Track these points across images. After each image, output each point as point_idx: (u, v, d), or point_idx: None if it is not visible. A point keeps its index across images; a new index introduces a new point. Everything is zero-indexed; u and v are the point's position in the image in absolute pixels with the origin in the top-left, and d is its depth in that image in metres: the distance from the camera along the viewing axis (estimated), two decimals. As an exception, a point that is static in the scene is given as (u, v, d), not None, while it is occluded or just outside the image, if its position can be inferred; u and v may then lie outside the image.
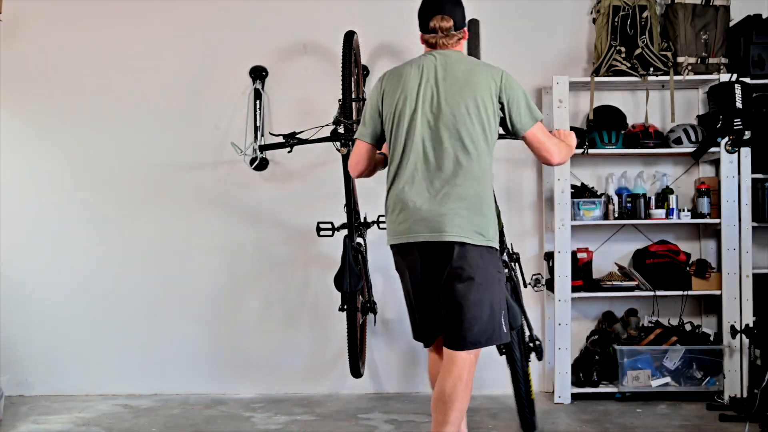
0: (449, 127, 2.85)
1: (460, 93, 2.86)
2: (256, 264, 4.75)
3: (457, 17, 2.95)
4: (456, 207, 2.82)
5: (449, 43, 2.96)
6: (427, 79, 2.90)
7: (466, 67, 2.91)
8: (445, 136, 2.85)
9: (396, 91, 2.93)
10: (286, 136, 3.94)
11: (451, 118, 2.85)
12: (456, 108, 2.85)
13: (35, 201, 4.75)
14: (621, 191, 4.60)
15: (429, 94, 2.89)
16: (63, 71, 4.76)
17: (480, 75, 2.89)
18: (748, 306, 4.38)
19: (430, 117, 2.88)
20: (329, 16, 4.73)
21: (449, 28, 2.94)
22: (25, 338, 4.71)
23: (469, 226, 2.82)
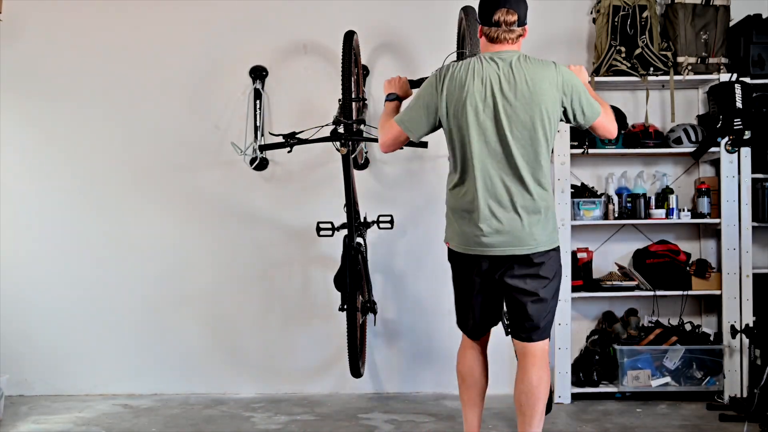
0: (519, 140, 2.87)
1: (528, 108, 2.86)
2: (256, 264, 4.75)
3: (522, 12, 2.94)
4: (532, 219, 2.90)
5: (510, 38, 2.93)
6: (495, 88, 2.87)
7: (530, 76, 2.87)
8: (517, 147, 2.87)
9: (467, 98, 2.88)
10: (285, 136, 3.94)
11: (521, 131, 2.86)
12: (524, 123, 2.86)
13: (35, 201, 4.75)
14: (621, 191, 4.60)
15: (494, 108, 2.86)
16: (63, 71, 4.75)
17: (544, 83, 2.87)
18: (748, 306, 4.38)
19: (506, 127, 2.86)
20: (329, 16, 4.73)
21: (513, 23, 2.91)
22: (25, 338, 4.71)
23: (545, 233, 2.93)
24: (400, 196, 4.71)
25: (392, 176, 4.75)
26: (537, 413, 2.94)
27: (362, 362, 4.23)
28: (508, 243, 2.91)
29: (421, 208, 4.71)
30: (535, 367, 2.97)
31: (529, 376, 2.96)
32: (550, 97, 2.87)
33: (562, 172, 4.40)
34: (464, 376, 3.14)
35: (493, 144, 2.88)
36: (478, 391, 3.14)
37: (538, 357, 2.98)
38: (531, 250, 2.91)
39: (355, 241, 4.05)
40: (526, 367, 2.98)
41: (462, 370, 3.16)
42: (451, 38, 4.73)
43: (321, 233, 4.24)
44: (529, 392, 2.95)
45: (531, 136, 2.87)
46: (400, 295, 4.72)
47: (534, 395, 2.94)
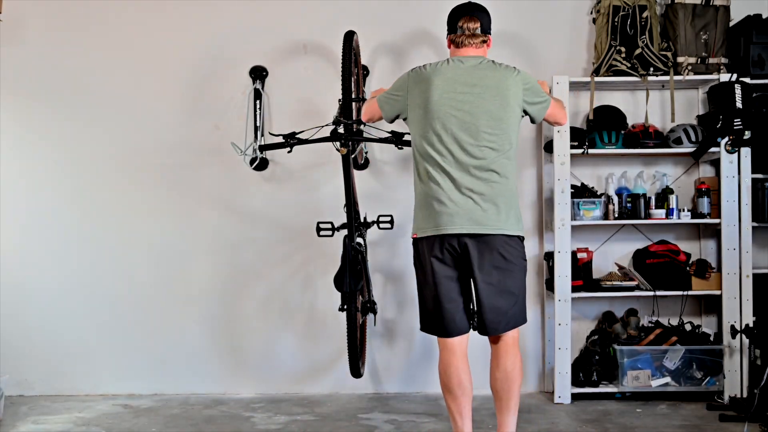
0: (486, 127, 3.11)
1: (492, 99, 3.11)
2: (256, 264, 4.75)
3: (484, 21, 3.25)
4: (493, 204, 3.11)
5: (474, 43, 3.22)
6: (462, 83, 3.13)
7: (493, 74, 3.15)
8: (483, 138, 3.10)
9: (432, 91, 3.14)
10: (286, 136, 3.94)
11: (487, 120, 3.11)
12: (486, 112, 3.11)
13: (35, 201, 4.76)
14: (621, 191, 4.60)
15: (458, 99, 3.12)
16: (63, 71, 4.76)
17: (507, 80, 3.15)
18: (748, 306, 4.38)
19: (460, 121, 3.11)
20: (329, 16, 4.73)
21: (475, 29, 3.22)
22: (25, 338, 4.71)
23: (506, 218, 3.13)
24: (401, 196, 4.70)
25: (393, 176, 4.75)
26: (513, 397, 3.18)
27: (362, 362, 4.23)
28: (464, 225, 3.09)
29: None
30: (509, 354, 3.18)
31: (503, 363, 3.17)
32: (512, 92, 3.14)
33: (562, 172, 4.40)
34: (450, 388, 3.16)
35: (453, 134, 3.11)
36: (467, 400, 3.19)
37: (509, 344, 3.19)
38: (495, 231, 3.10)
39: (355, 241, 4.05)
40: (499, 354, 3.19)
41: (447, 382, 3.17)
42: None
43: (321, 233, 4.24)
44: (504, 378, 3.16)
45: (498, 126, 3.12)
46: (401, 295, 4.72)
47: (509, 380, 3.16)
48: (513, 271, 3.13)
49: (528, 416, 4.16)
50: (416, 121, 3.19)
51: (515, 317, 3.17)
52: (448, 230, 3.09)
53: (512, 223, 3.13)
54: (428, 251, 3.14)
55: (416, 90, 3.18)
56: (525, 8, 4.70)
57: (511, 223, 3.12)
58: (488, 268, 3.10)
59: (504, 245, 3.11)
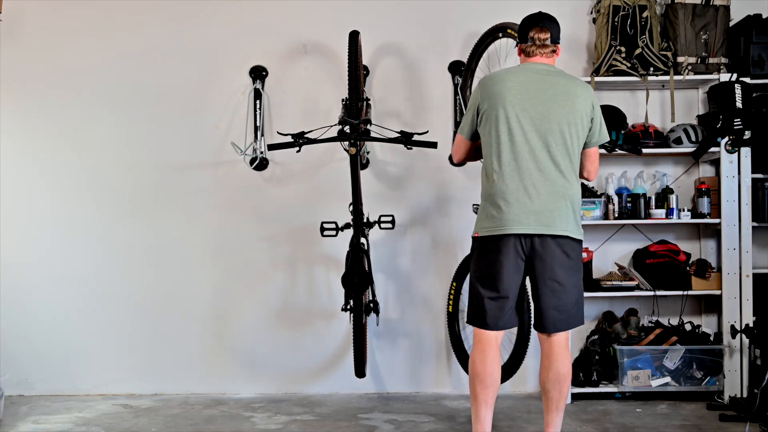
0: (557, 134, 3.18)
1: (562, 103, 3.19)
2: (256, 264, 4.75)
3: (554, 32, 3.33)
4: (560, 206, 3.17)
5: (544, 53, 3.31)
6: (536, 89, 3.21)
7: (565, 81, 3.25)
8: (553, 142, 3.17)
9: (507, 96, 3.20)
10: (294, 136, 3.93)
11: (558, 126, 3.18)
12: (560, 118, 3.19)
13: (35, 201, 4.76)
14: (621, 191, 4.60)
15: (536, 103, 3.19)
16: (63, 71, 4.76)
17: (578, 90, 3.24)
18: (748, 306, 4.38)
19: (531, 124, 3.18)
20: (329, 17, 4.74)
21: (545, 39, 3.29)
22: (25, 338, 4.71)
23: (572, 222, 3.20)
24: (402, 196, 4.71)
25: (394, 176, 4.75)
26: (563, 398, 3.30)
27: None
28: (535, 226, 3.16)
29: (423, 207, 4.72)
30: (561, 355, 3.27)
31: (556, 365, 3.26)
32: (581, 100, 3.22)
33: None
34: (483, 377, 3.27)
35: (523, 140, 3.17)
36: (495, 391, 3.31)
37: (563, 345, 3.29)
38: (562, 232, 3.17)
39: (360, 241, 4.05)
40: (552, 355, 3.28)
41: (482, 371, 3.27)
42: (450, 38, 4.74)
43: (325, 233, 4.24)
44: (556, 380, 3.27)
45: (560, 133, 3.18)
46: (402, 295, 4.72)
47: (561, 382, 3.27)
48: (576, 271, 3.24)
49: (528, 416, 4.16)
50: (490, 124, 3.23)
51: (575, 317, 3.27)
52: (515, 230, 3.16)
53: (575, 227, 3.22)
54: (495, 248, 3.20)
55: (489, 95, 3.24)
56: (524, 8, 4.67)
57: (574, 226, 3.21)
58: (553, 267, 3.18)
59: (568, 246, 3.19)
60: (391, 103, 4.72)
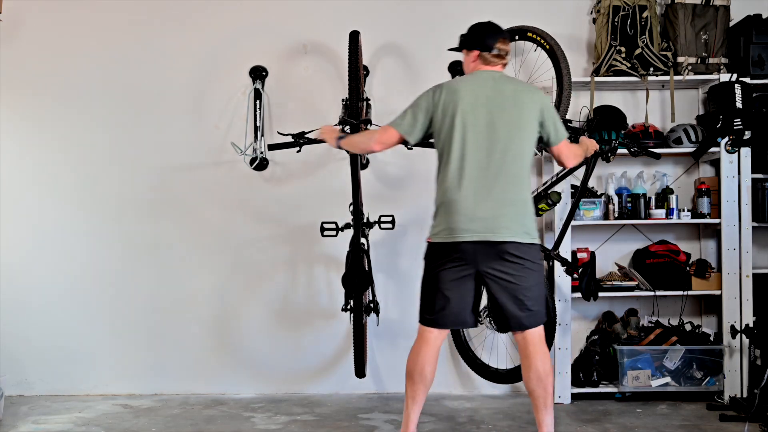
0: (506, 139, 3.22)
1: (511, 110, 3.24)
2: (256, 264, 4.75)
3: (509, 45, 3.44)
4: (506, 212, 3.20)
5: (498, 62, 3.37)
6: (486, 96, 3.26)
7: (513, 88, 3.31)
8: (500, 149, 3.21)
9: (459, 104, 3.25)
10: (295, 136, 3.94)
11: (508, 131, 3.22)
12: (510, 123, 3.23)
13: (35, 201, 4.76)
14: (621, 191, 4.60)
15: (484, 111, 3.24)
16: (63, 71, 4.76)
17: (525, 96, 3.29)
18: (748, 306, 4.38)
19: (493, 130, 3.22)
20: (329, 16, 4.74)
21: (507, 52, 3.39)
22: (25, 338, 4.71)
23: (523, 227, 3.21)
24: (402, 196, 4.71)
25: (394, 176, 4.75)
26: (549, 395, 3.28)
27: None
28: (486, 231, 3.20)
29: (423, 207, 4.68)
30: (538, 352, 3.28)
31: (534, 363, 3.26)
32: (528, 111, 3.26)
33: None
34: (412, 373, 3.38)
35: (474, 147, 3.22)
36: (424, 388, 3.39)
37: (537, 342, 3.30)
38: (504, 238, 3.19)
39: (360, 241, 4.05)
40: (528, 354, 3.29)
41: (412, 368, 3.37)
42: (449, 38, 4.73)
43: (325, 233, 4.24)
44: (537, 378, 3.26)
45: (509, 140, 3.22)
46: (402, 296, 4.71)
47: (543, 379, 3.26)
48: (532, 272, 3.24)
49: (528, 416, 4.16)
50: (443, 132, 3.28)
51: (537, 314, 3.28)
52: (464, 237, 3.20)
53: (524, 232, 3.21)
54: (444, 254, 3.25)
55: (443, 102, 3.28)
56: (525, 8, 4.70)
57: (522, 231, 3.21)
58: (504, 271, 3.21)
59: (519, 250, 3.20)
60: (391, 103, 4.71)
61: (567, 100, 4.05)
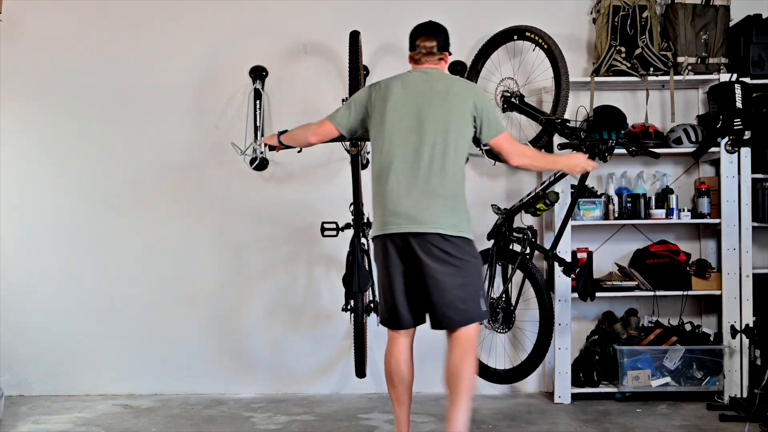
0: (433, 133, 3.21)
1: (441, 105, 3.24)
2: (256, 264, 4.75)
3: (440, 40, 3.40)
4: (432, 204, 3.18)
5: (430, 60, 3.39)
6: (415, 92, 3.28)
7: (448, 83, 3.31)
8: (428, 142, 3.21)
9: (389, 101, 3.28)
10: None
11: (434, 126, 3.22)
12: (438, 118, 3.23)
13: (35, 201, 4.76)
14: (621, 191, 4.60)
15: (413, 106, 3.26)
16: (63, 71, 4.76)
17: (457, 91, 3.28)
18: (748, 306, 4.38)
19: (420, 125, 3.23)
20: (329, 16, 4.74)
21: (432, 48, 3.37)
22: (25, 338, 4.71)
23: (449, 219, 3.18)
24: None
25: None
26: (460, 392, 3.20)
27: None
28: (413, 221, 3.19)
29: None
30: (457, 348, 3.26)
31: (450, 358, 3.26)
32: (460, 106, 3.25)
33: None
34: (390, 376, 3.43)
35: (403, 142, 3.24)
36: (405, 389, 3.40)
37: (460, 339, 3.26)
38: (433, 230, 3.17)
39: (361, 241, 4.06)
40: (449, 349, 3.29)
41: (388, 369, 3.43)
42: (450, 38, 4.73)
43: (325, 233, 4.24)
44: (450, 373, 3.24)
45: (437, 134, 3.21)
46: (400, 295, 4.71)
47: (455, 375, 3.22)
48: (460, 269, 3.19)
49: (528, 416, 4.16)
50: (376, 128, 3.32)
51: (464, 314, 3.22)
52: (393, 230, 3.21)
53: (452, 224, 3.19)
54: (381, 250, 3.27)
55: (377, 99, 3.33)
56: (525, 8, 4.70)
57: (449, 223, 3.18)
58: (430, 265, 3.18)
59: (445, 244, 3.17)
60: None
61: (565, 99, 4.05)
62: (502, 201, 4.64)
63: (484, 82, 4.60)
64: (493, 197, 4.66)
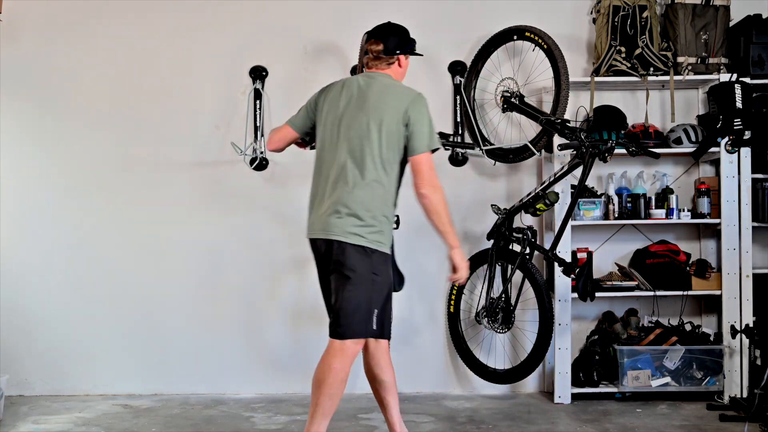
0: (354, 140, 3.18)
1: (368, 113, 3.18)
2: (257, 264, 4.75)
3: (389, 44, 3.32)
4: (340, 211, 3.15)
5: (377, 64, 3.33)
6: (347, 97, 3.26)
7: (381, 89, 3.24)
8: (348, 150, 3.18)
9: (326, 104, 3.31)
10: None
11: (356, 132, 3.18)
12: (361, 126, 3.18)
13: (35, 201, 4.75)
14: (621, 191, 4.60)
15: (344, 111, 3.24)
16: (63, 71, 4.76)
17: (389, 98, 3.20)
18: (748, 306, 4.38)
19: (343, 131, 3.22)
20: (330, 16, 4.74)
21: (378, 51, 3.30)
22: (25, 338, 4.71)
23: (350, 228, 3.13)
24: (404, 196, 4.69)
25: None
26: (317, 400, 3.21)
27: None
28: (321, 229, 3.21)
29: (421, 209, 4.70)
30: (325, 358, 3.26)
31: (318, 366, 3.27)
32: (390, 113, 3.16)
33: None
34: (369, 381, 3.43)
35: (331, 147, 3.24)
36: (383, 389, 3.40)
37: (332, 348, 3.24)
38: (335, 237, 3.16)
39: None
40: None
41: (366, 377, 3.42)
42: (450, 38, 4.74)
43: None
44: (313, 380, 3.28)
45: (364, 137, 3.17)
46: (401, 296, 4.71)
47: (315, 383, 3.24)
48: (357, 282, 3.15)
49: (528, 416, 4.16)
50: (317, 132, 3.36)
51: (349, 327, 3.18)
52: (310, 234, 3.27)
53: (355, 234, 3.14)
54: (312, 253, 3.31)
55: (321, 102, 3.36)
56: (525, 8, 4.70)
57: (352, 232, 3.14)
58: (333, 271, 3.20)
59: (347, 253, 3.14)
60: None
61: (565, 99, 4.05)
62: (502, 201, 4.65)
63: (484, 82, 4.60)
64: (493, 197, 4.66)
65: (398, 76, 3.37)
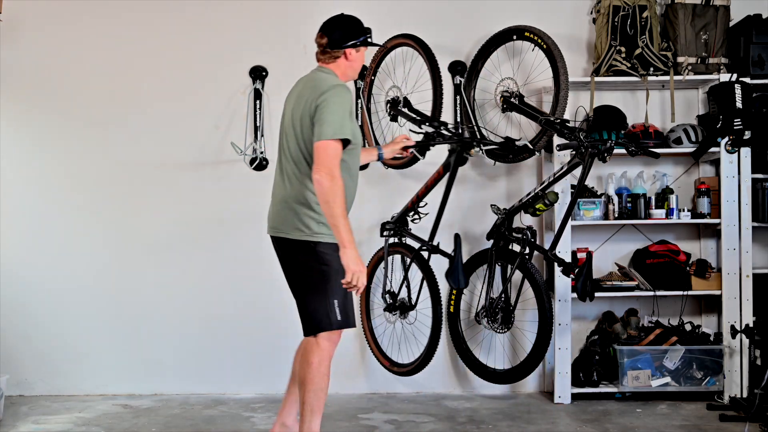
0: (283, 138, 3.28)
1: (296, 108, 3.22)
2: (257, 264, 4.73)
3: (334, 37, 3.28)
4: (280, 208, 3.22)
5: (323, 58, 3.32)
6: (293, 97, 3.30)
7: (307, 85, 3.24)
8: (283, 146, 3.27)
9: (285, 105, 3.38)
10: None
11: (284, 130, 3.28)
12: (286, 123, 3.27)
13: (35, 201, 4.76)
14: (621, 191, 4.60)
15: (286, 110, 3.33)
16: (63, 71, 4.76)
17: (307, 91, 3.19)
18: (748, 306, 4.38)
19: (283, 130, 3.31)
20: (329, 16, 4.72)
21: (323, 45, 3.29)
22: (25, 338, 4.71)
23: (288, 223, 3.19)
24: (401, 197, 4.71)
25: (395, 176, 4.75)
26: (302, 398, 3.20)
27: None
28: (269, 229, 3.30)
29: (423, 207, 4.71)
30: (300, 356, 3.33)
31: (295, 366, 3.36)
32: (305, 106, 3.16)
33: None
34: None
35: (280, 146, 3.31)
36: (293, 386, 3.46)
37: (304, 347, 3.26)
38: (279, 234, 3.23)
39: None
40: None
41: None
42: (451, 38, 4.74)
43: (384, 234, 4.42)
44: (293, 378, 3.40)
45: (289, 137, 3.24)
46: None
47: (299, 382, 3.24)
48: (302, 276, 3.20)
49: (528, 416, 4.16)
50: None
51: (304, 323, 3.22)
52: (268, 233, 3.33)
53: (294, 228, 3.18)
54: None
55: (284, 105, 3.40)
56: (525, 8, 4.70)
57: (292, 227, 3.18)
58: (283, 267, 3.29)
59: (291, 248, 3.20)
60: (391, 103, 4.72)
61: (564, 99, 4.05)
62: (502, 201, 4.65)
63: (483, 82, 4.60)
64: (493, 197, 4.66)
65: (346, 69, 3.31)
